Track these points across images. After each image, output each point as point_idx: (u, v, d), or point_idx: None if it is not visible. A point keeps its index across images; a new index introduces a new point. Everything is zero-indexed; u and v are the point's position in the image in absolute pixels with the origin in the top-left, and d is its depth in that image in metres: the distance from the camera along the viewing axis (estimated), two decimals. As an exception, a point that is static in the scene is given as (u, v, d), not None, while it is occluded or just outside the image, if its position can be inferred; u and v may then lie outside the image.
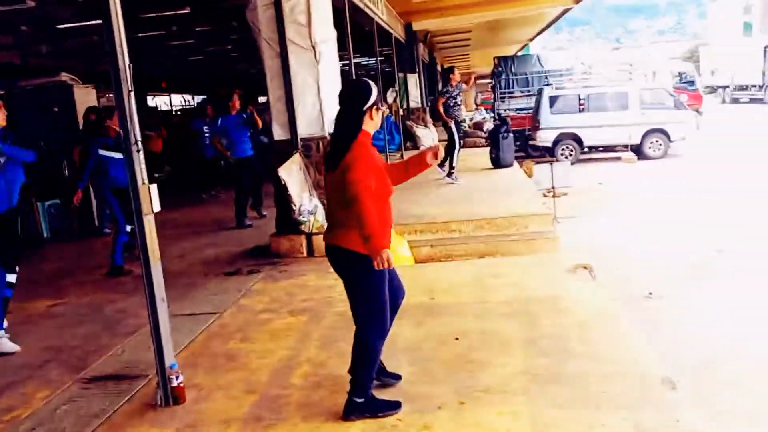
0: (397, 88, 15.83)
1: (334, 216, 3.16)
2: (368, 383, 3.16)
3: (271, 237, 6.63)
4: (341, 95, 3.16)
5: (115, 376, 3.97)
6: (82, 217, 9.01)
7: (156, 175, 12.81)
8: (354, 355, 3.17)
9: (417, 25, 16.77)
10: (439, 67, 29.39)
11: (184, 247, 7.51)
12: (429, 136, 16.23)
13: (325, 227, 6.33)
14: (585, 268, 5.30)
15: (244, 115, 8.62)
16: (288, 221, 6.37)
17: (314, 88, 6.32)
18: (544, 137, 17.30)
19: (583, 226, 9.85)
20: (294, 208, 6.21)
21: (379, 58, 15.17)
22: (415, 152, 14.68)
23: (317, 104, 6.35)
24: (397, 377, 3.53)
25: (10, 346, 4.48)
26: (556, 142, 17.16)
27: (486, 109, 27.75)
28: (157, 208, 3.44)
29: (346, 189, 2.93)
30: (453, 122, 10.20)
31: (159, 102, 25.72)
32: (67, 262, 7.42)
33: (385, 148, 16.15)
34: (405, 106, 17.40)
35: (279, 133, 6.43)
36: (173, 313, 5.08)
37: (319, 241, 6.50)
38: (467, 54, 30.04)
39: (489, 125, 19.65)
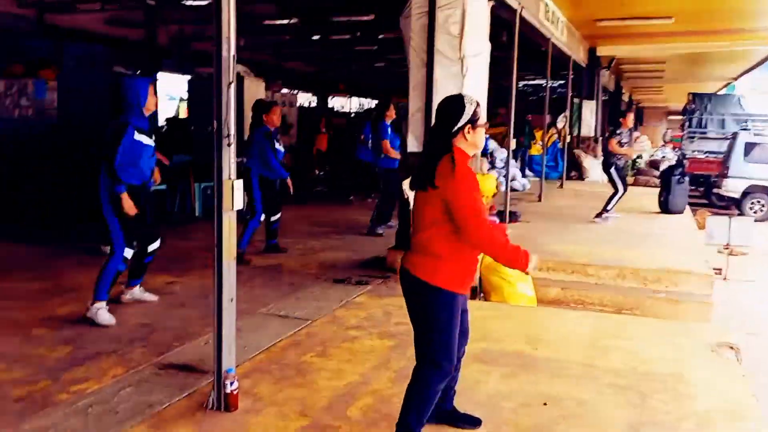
0: (568, 114, 14.97)
1: (414, 237, 2.84)
2: (415, 428, 2.82)
3: (388, 250, 6.41)
4: (436, 111, 2.87)
5: (188, 367, 3.92)
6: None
7: (319, 172, 13.21)
8: (408, 394, 2.84)
9: (602, 50, 15.78)
10: (625, 97, 27.62)
11: (309, 246, 7.52)
12: (597, 168, 15.16)
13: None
14: (731, 348, 4.45)
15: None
16: (407, 236, 6.08)
17: (456, 102, 5.98)
18: (732, 187, 15.45)
19: (756, 292, 8.58)
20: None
21: (551, 81, 14.49)
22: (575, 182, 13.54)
23: (456, 120, 6.00)
24: (475, 422, 3.15)
25: (106, 318, 4.62)
26: (745, 194, 15.26)
27: (675, 148, 25.58)
28: (239, 205, 3.31)
29: (445, 209, 2.68)
30: (614, 167, 9.35)
31: (336, 104, 26.68)
32: (205, 242, 7.69)
33: (546, 175, 15.41)
34: (576, 134, 16.45)
35: (413, 144, 6.17)
36: (269, 312, 5.04)
37: (436, 263, 6.16)
38: (660, 87, 27.94)
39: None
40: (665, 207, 10.29)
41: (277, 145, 6.82)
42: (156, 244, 5.10)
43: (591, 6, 11.19)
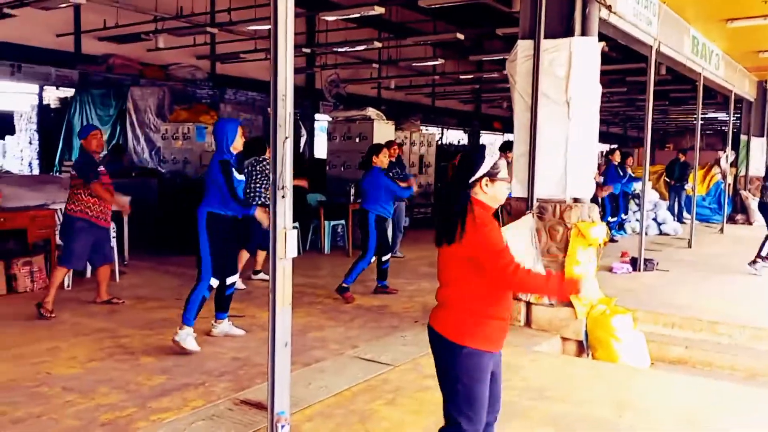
0: (729, 152, 13.69)
1: (439, 292, 2.80)
2: None
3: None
4: (457, 162, 2.83)
5: (261, 405, 4.09)
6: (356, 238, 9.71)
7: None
8: None
9: (773, 83, 14.32)
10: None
11: (420, 288, 7.52)
12: (765, 211, 13.66)
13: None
14: None
15: None
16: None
17: (562, 146, 5.78)
18: None
19: None
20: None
21: (701, 114, 13.41)
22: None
23: (562, 164, 5.79)
24: None
25: (192, 345, 5.00)
26: None
27: None
28: (292, 254, 3.44)
29: (468, 264, 2.63)
30: None
31: (486, 140, 26.60)
32: (322, 279, 8.01)
33: (708, 218, 14.20)
34: (743, 173, 14.99)
35: (517, 190, 6.01)
36: (356, 354, 5.12)
37: (538, 312, 5.92)
38: None
39: None
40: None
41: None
42: (235, 278, 5.42)
43: (749, 38, 10.25)
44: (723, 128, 26.36)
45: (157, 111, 12.96)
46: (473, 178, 2.67)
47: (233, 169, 5.14)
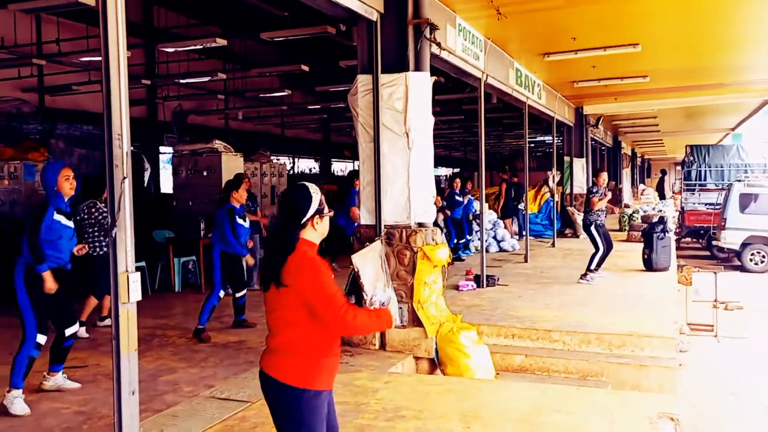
0: (554, 172, 15.03)
1: (272, 338, 2.74)
2: None
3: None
4: (281, 203, 2.86)
5: (108, 457, 3.90)
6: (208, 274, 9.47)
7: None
8: None
9: (588, 109, 15.97)
10: (627, 151, 27.72)
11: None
12: (590, 225, 15.10)
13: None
14: (671, 419, 4.32)
15: None
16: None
17: (404, 175, 6.08)
18: (731, 239, 15.35)
19: (748, 349, 8.40)
20: (365, 297, 5.88)
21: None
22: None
23: (405, 192, 6.09)
24: None
25: (20, 408, 4.58)
26: (744, 246, 15.12)
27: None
28: (136, 297, 3.35)
29: (300, 306, 2.61)
30: (594, 226, 9.31)
31: (337, 168, 27.09)
32: (173, 320, 7.73)
33: (541, 234, 15.37)
34: (569, 191, 16.49)
35: (366, 218, 6.24)
36: (211, 395, 5.01)
37: (391, 334, 6.13)
38: (659, 139, 28.00)
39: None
40: (649, 265, 10.16)
41: (240, 222, 6.89)
42: (74, 328, 5.01)
43: (564, 70, 11.40)
44: (552, 150, 28.84)
45: (-22, 149, 11.87)
46: (306, 218, 2.68)
47: (56, 213, 4.75)
